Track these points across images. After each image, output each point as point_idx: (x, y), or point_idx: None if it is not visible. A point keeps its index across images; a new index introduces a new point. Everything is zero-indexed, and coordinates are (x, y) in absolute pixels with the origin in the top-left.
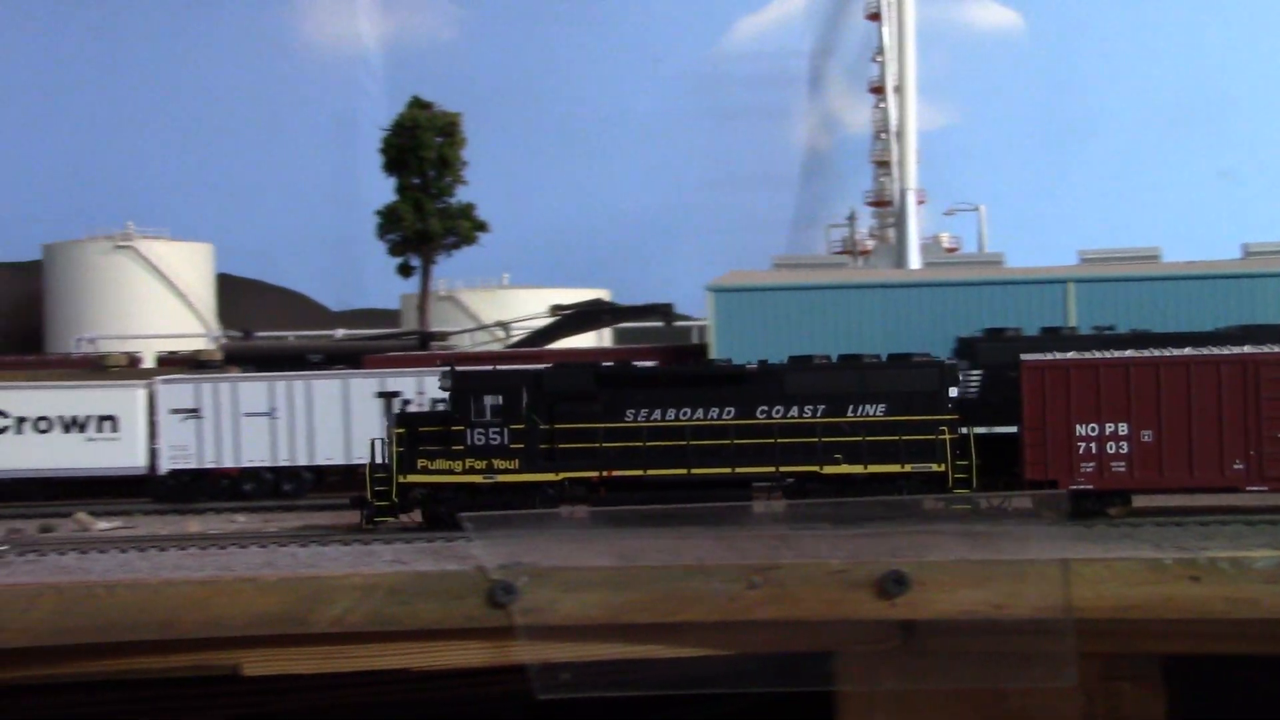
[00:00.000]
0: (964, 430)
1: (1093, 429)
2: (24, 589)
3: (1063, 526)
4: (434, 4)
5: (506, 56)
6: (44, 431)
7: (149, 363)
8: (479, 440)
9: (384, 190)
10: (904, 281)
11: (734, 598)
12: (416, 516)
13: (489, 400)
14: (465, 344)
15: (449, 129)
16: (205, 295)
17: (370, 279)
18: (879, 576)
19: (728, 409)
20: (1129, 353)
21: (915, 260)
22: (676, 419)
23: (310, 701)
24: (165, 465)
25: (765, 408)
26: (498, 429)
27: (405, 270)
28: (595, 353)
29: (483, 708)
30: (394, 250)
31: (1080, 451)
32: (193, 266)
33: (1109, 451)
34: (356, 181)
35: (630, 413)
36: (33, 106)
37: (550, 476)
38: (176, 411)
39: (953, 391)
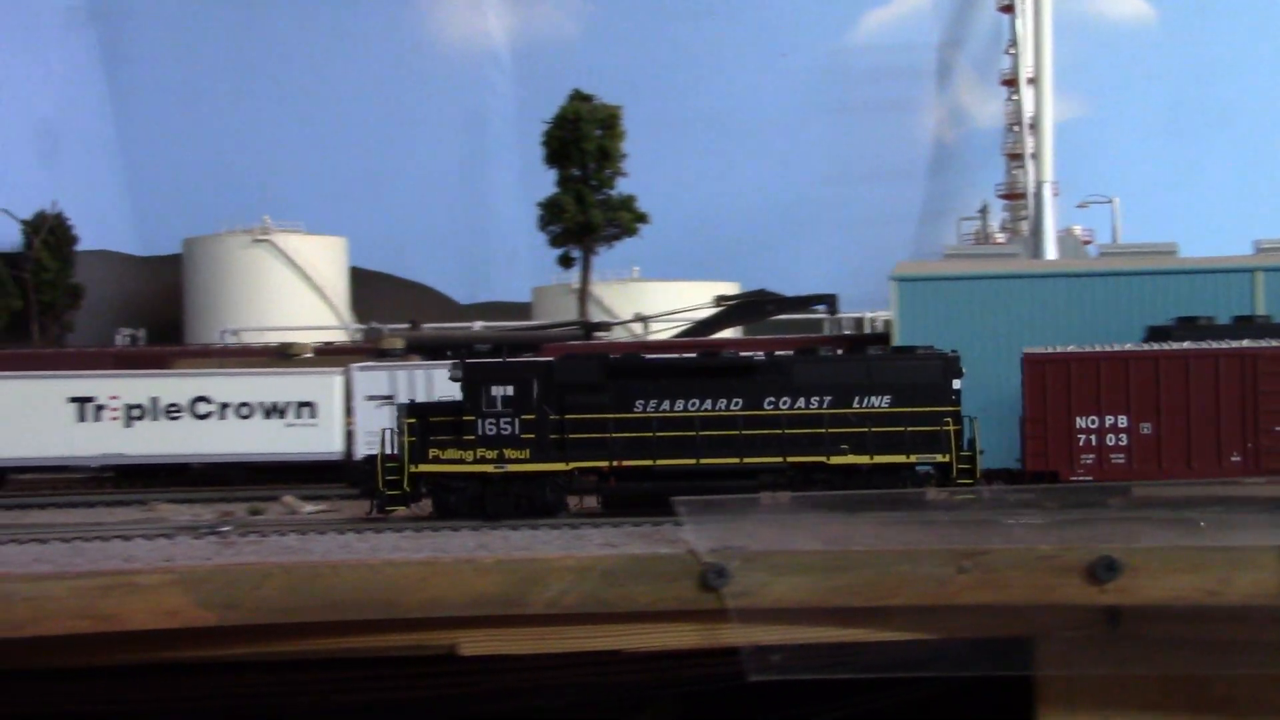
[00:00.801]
0: (966, 420)
1: (1093, 421)
2: (254, 568)
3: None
4: (561, 1)
5: (631, 52)
6: (246, 417)
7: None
8: (490, 430)
9: (512, 185)
10: (1088, 270)
11: (943, 582)
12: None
13: (500, 391)
14: (616, 334)
15: (609, 121)
16: (340, 287)
17: (497, 272)
18: (1089, 562)
19: (735, 400)
20: (1128, 346)
21: (1051, 253)
22: (685, 410)
23: (521, 681)
24: (361, 450)
25: (773, 399)
26: (509, 419)
27: (566, 261)
28: (773, 343)
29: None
30: (555, 241)
31: (1080, 443)
32: (327, 259)
33: (1109, 443)
34: (484, 176)
35: (639, 403)
36: (172, 105)
37: (560, 466)
38: (372, 398)
39: (955, 384)
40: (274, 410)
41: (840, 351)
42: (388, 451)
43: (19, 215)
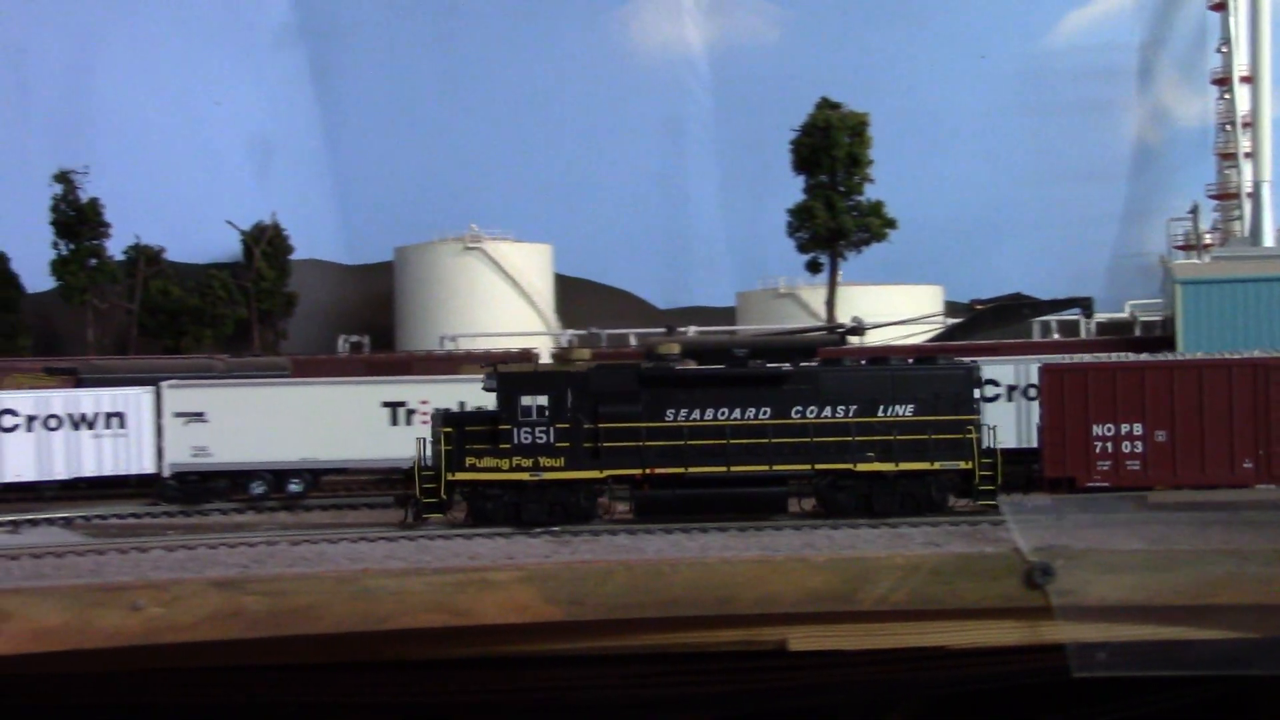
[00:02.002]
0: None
1: (1109, 429)
2: (598, 565)
3: None
4: (758, 7)
5: (828, 57)
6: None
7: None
8: (525, 439)
9: (711, 191)
10: None
11: (1269, 581)
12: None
13: (535, 400)
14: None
15: (859, 128)
16: (546, 294)
17: (697, 277)
18: None
19: (764, 409)
20: (1144, 356)
21: None
22: (715, 419)
23: (848, 677)
24: None
25: (800, 408)
26: (544, 428)
27: (814, 267)
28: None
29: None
30: (803, 247)
31: (1097, 451)
32: (534, 266)
33: (1124, 451)
34: (684, 183)
35: (670, 412)
36: (381, 118)
37: (595, 474)
38: None
39: (977, 393)
40: None
41: (864, 362)
42: (421, 461)
43: (233, 227)
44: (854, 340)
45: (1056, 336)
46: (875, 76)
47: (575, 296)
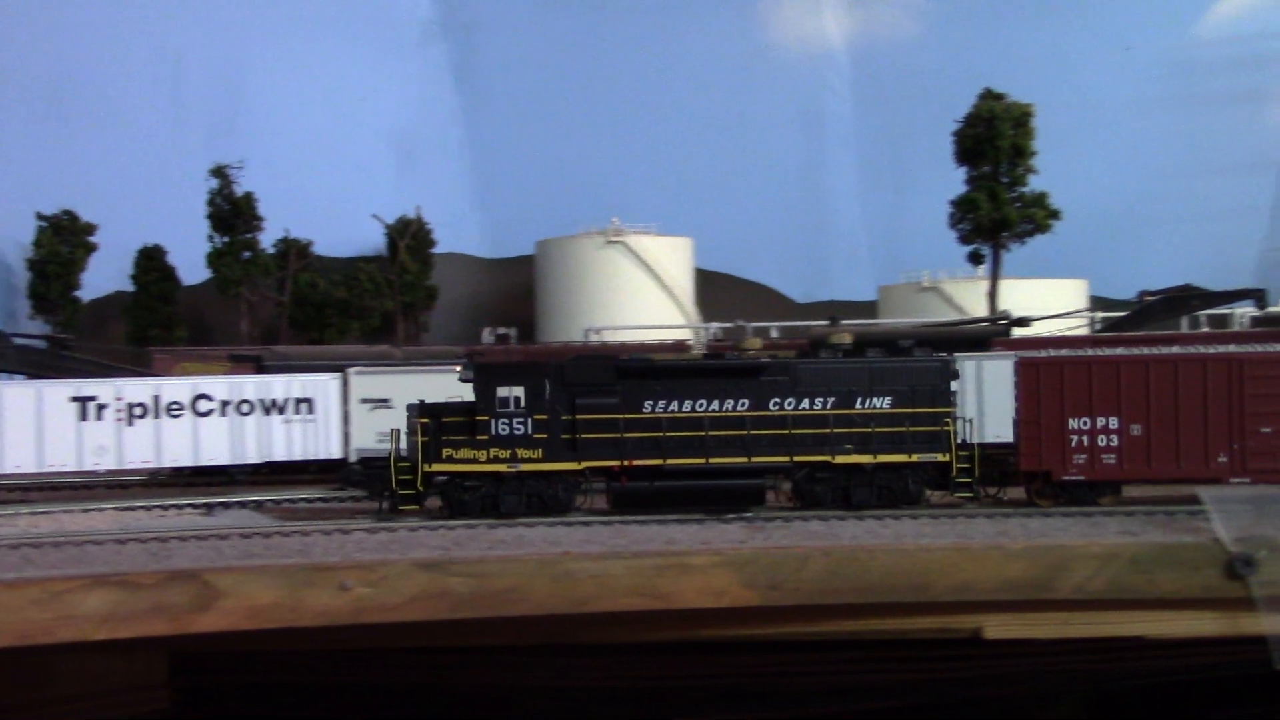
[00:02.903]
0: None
1: (1084, 423)
2: (795, 551)
3: None
4: (901, 1)
5: (972, 50)
6: None
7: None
8: (503, 430)
9: (851, 185)
10: None
11: None
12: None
13: (513, 391)
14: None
15: (1022, 119)
16: (687, 287)
17: (836, 271)
18: None
19: (742, 401)
20: (1119, 350)
21: None
22: (694, 410)
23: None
24: None
25: (778, 400)
26: (521, 419)
27: (976, 258)
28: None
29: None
30: (965, 239)
31: (1073, 444)
32: (675, 259)
33: (1100, 444)
34: (822, 177)
35: (648, 404)
36: (521, 113)
37: (573, 465)
38: None
39: (954, 385)
40: None
41: (842, 354)
42: (396, 451)
43: (378, 221)
44: (1017, 332)
45: (1205, 329)
46: (1017, 69)
47: (713, 290)
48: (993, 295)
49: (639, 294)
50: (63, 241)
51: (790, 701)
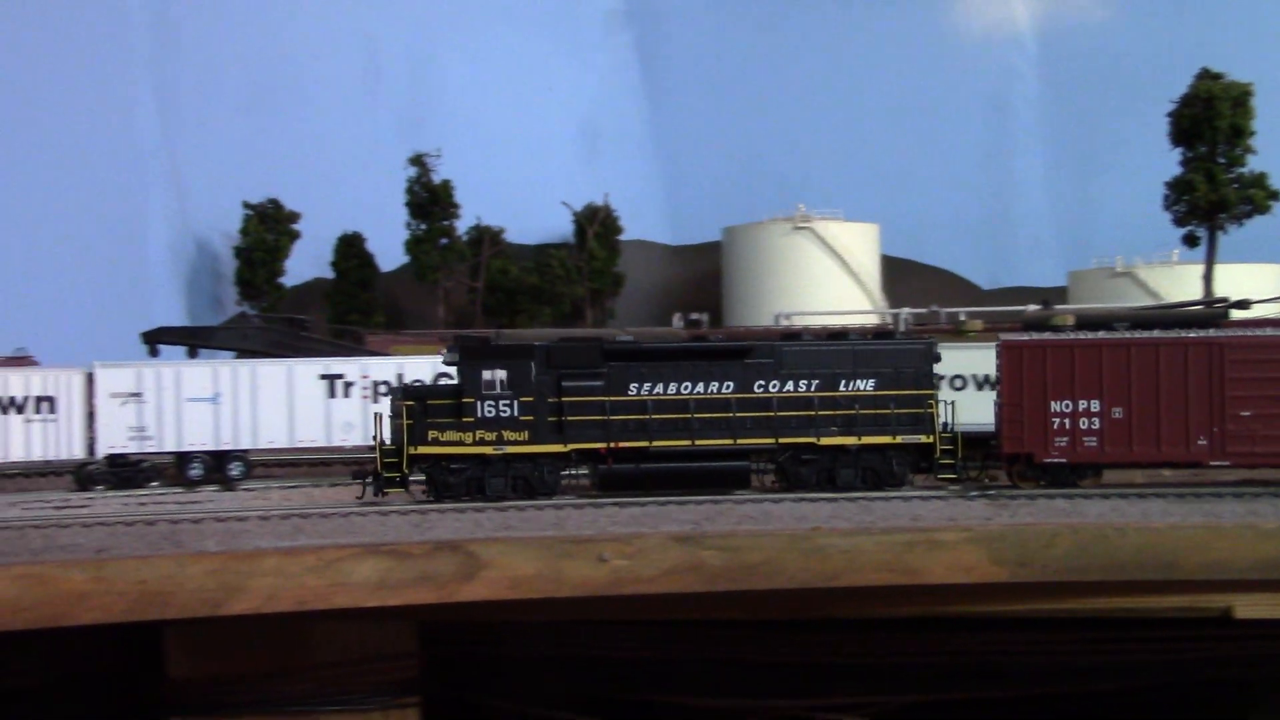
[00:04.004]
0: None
1: (1066, 405)
2: (1043, 528)
3: None
4: None
5: (1163, 34)
6: (960, 389)
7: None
8: (489, 412)
9: (1037, 171)
10: None
11: None
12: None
13: (498, 374)
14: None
15: (1241, 99)
16: (874, 273)
17: (1021, 257)
18: None
19: (727, 383)
20: (1101, 334)
21: None
22: (679, 393)
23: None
24: None
25: (762, 382)
26: (507, 402)
27: (1191, 240)
28: None
29: None
30: (1180, 220)
31: (1054, 427)
32: (862, 246)
33: (1081, 427)
34: (1009, 162)
35: (634, 386)
36: (706, 101)
37: (559, 448)
38: None
39: (937, 368)
40: (985, 382)
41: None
42: (382, 436)
43: (567, 208)
44: (1236, 315)
45: None
46: (1212, 53)
47: (898, 276)
48: (1208, 278)
49: (826, 280)
50: (268, 229)
51: (1031, 679)
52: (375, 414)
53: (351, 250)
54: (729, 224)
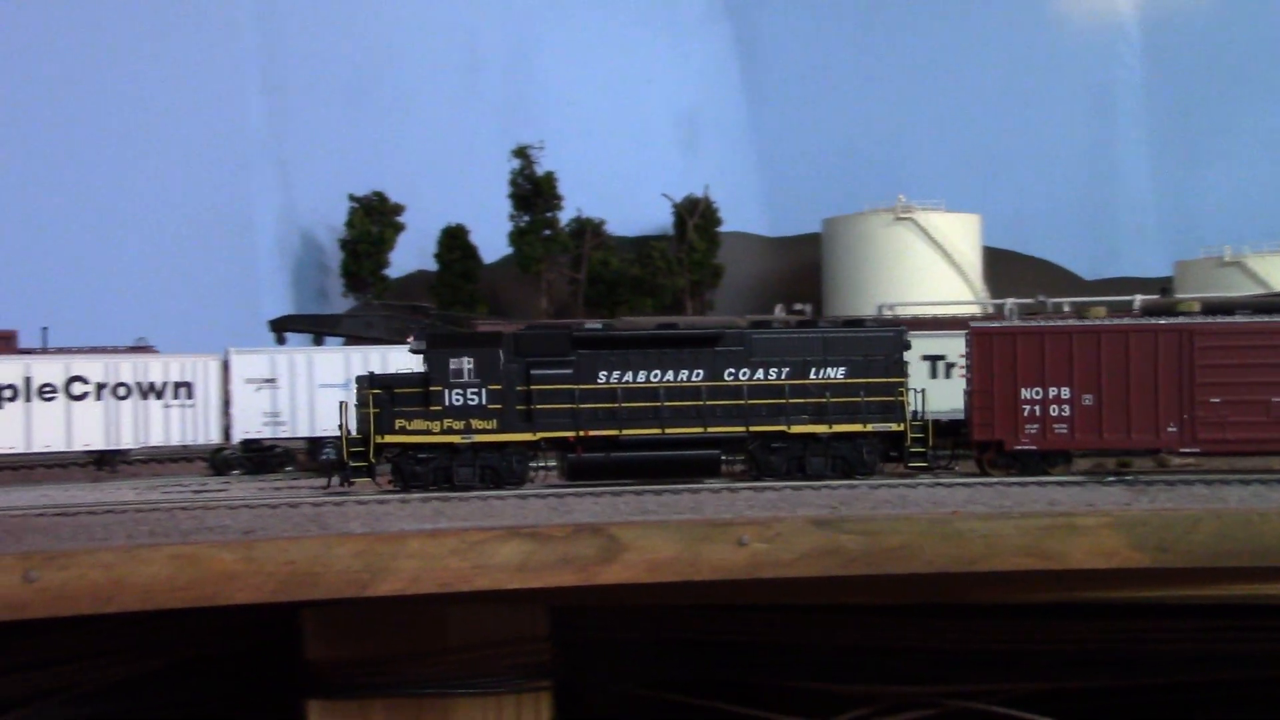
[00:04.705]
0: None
1: (1037, 393)
2: (1185, 513)
3: None
4: None
5: (1267, 21)
6: None
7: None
8: (456, 400)
9: (1142, 160)
10: None
11: None
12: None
13: (466, 362)
14: None
15: None
16: (976, 264)
17: (1126, 248)
18: None
19: (697, 371)
20: (1071, 321)
21: None
22: (649, 381)
23: None
24: None
25: (733, 370)
26: (475, 390)
27: None
28: None
29: None
30: None
31: (1025, 414)
32: (964, 236)
33: (1052, 414)
34: (1112, 151)
35: (603, 374)
36: (804, 92)
37: (528, 436)
38: None
39: (906, 355)
40: None
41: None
42: (346, 424)
43: (667, 199)
44: None
45: None
46: None
47: (999, 266)
48: None
49: (928, 271)
50: (373, 221)
51: (1166, 667)
52: (340, 402)
53: (455, 242)
54: (828, 215)
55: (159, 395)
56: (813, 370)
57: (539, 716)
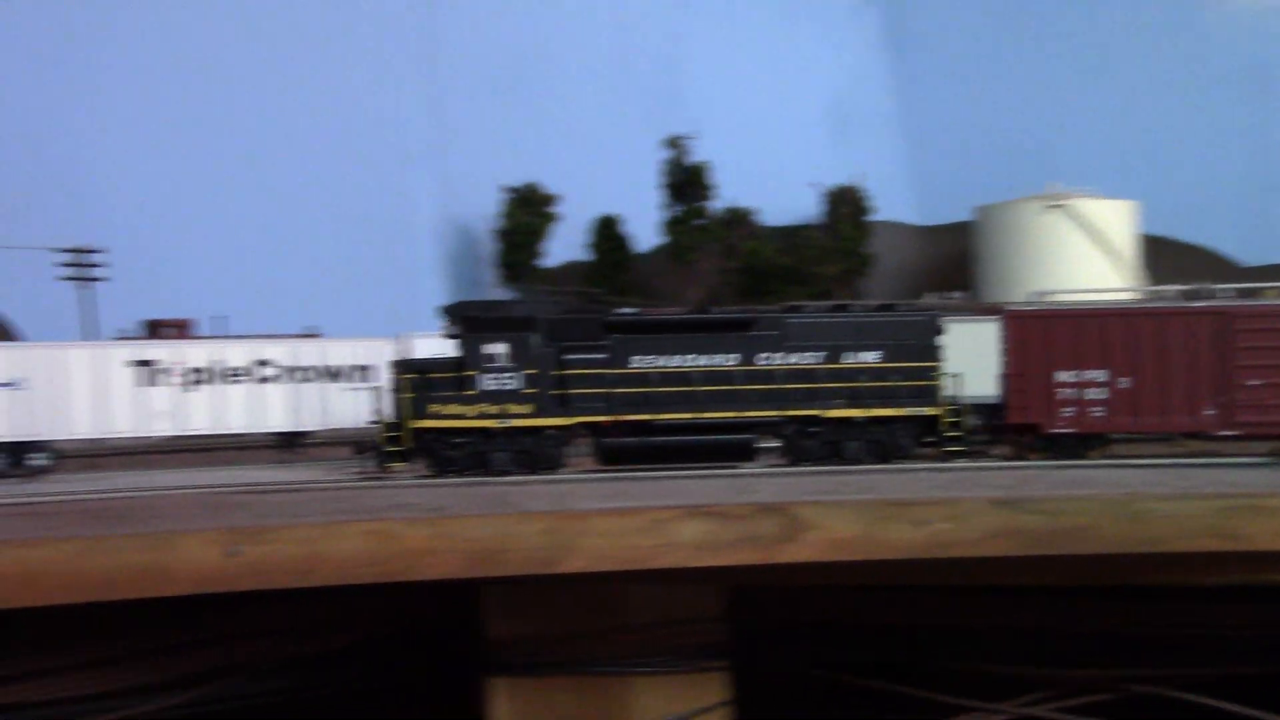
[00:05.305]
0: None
1: (1073, 376)
2: None
3: None
4: None
5: None
6: None
7: None
8: (491, 385)
9: None
10: None
11: None
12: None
13: (500, 347)
14: None
15: None
16: (1131, 251)
17: None
18: None
19: (731, 355)
20: (1107, 304)
21: None
22: (682, 365)
23: None
24: None
25: (766, 354)
26: (510, 374)
27: None
28: None
29: None
30: None
31: (1060, 397)
32: (1119, 223)
33: (1088, 397)
34: (1271, 135)
35: (637, 359)
36: (955, 79)
37: (562, 421)
38: None
39: (940, 339)
40: None
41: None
42: (382, 409)
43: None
44: None
45: None
46: None
47: (1156, 254)
48: None
49: (1082, 259)
50: (527, 212)
51: None
52: (376, 388)
53: (608, 232)
54: (980, 203)
55: (339, 378)
56: (846, 354)
57: (715, 696)
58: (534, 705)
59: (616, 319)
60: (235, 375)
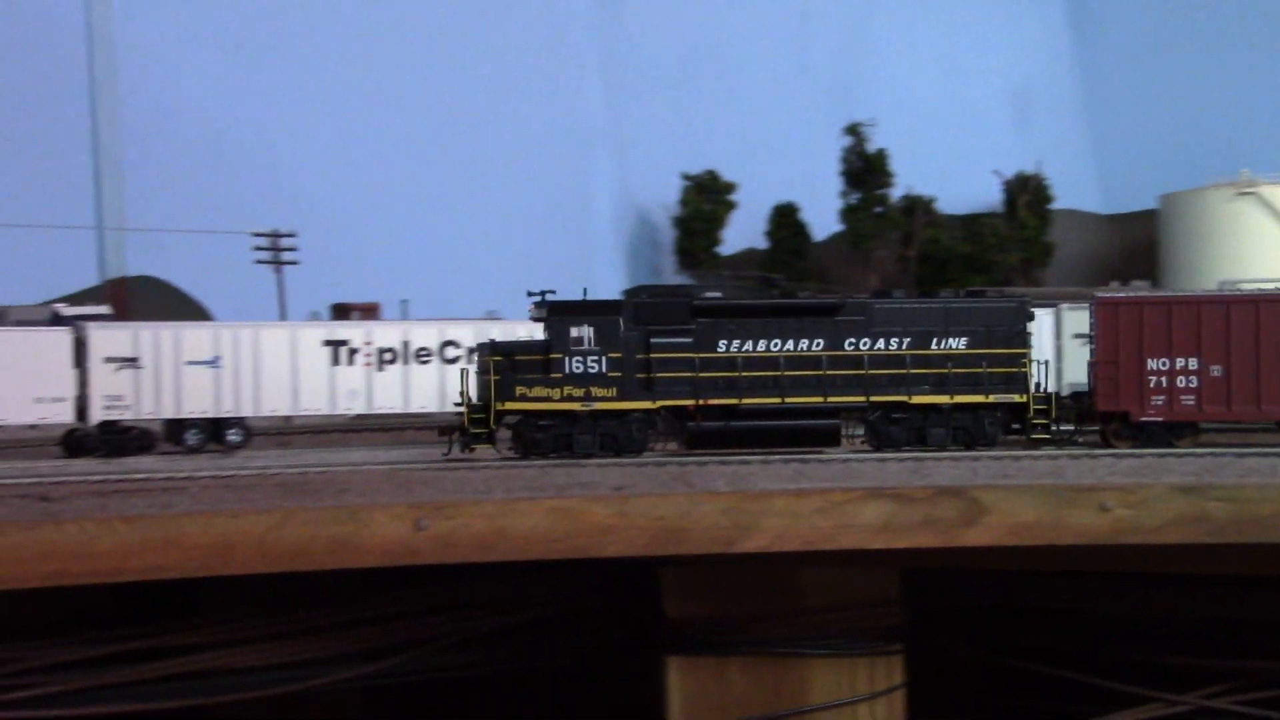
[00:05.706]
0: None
1: (1163, 364)
2: None
3: None
4: None
5: None
6: None
7: None
8: (577, 368)
9: None
10: None
11: None
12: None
13: (586, 330)
14: None
15: None
16: None
17: None
18: None
19: (818, 340)
20: (1199, 291)
21: None
22: (769, 350)
23: None
24: None
25: (853, 340)
26: (596, 357)
27: None
28: None
29: None
30: None
31: (1151, 385)
32: None
33: (1179, 385)
34: None
35: (723, 343)
36: (1141, 65)
37: (647, 404)
38: None
39: (1029, 327)
40: None
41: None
42: (468, 392)
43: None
44: None
45: None
46: None
47: None
48: None
49: (1274, 247)
50: (705, 199)
51: None
52: (461, 370)
53: (785, 219)
54: (1165, 191)
55: None
56: (934, 340)
57: (891, 680)
58: (709, 684)
59: (703, 303)
60: (423, 355)
